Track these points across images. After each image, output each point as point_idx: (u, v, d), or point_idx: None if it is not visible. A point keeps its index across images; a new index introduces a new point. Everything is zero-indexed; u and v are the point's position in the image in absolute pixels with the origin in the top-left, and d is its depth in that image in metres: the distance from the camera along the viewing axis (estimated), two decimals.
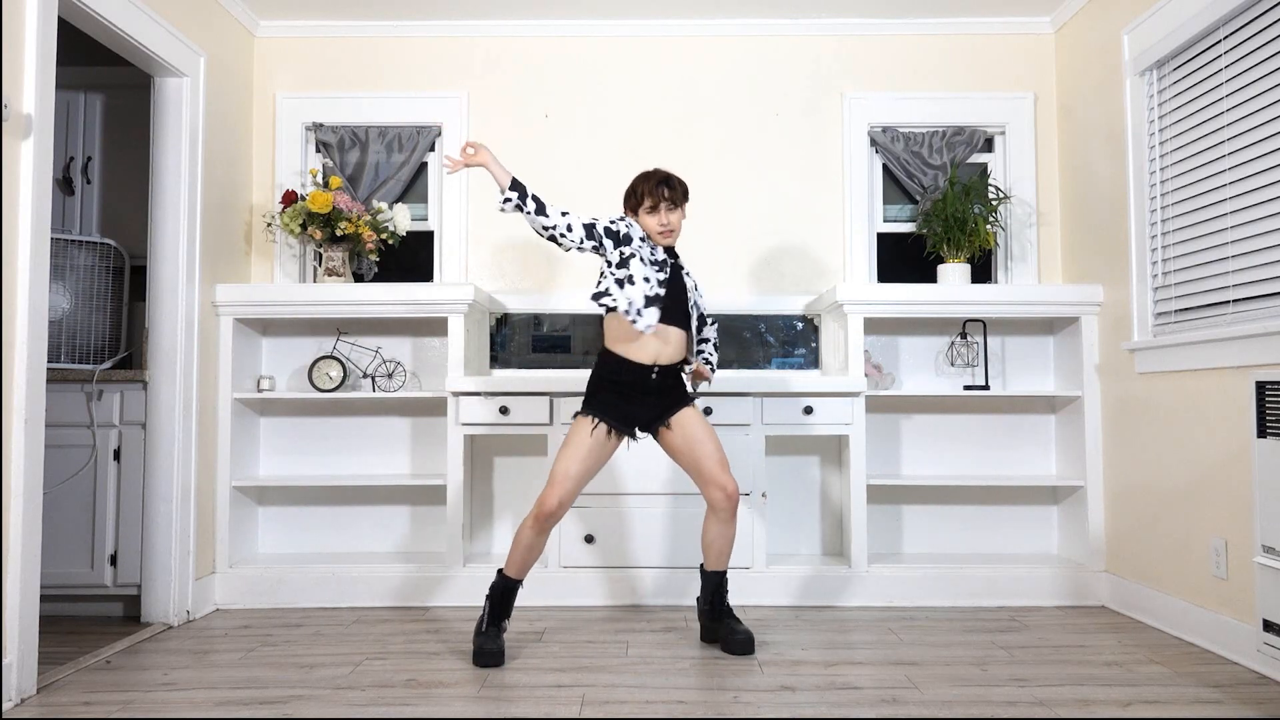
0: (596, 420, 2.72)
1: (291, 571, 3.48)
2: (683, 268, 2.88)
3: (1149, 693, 2.43)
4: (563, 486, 2.69)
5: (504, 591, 2.77)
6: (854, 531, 3.44)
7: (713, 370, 2.99)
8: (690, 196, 2.90)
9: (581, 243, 2.72)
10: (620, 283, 2.73)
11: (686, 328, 2.83)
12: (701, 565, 2.91)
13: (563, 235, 2.70)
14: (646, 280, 2.73)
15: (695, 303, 2.89)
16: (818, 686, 2.48)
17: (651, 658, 2.75)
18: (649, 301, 2.72)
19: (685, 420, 2.79)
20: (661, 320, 2.74)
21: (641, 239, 2.78)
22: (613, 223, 2.77)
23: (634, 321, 2.70)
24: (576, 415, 2.77)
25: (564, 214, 2.71)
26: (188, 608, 3.27)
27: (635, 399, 2.76)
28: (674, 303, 2.79)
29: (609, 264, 2.77)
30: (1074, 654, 2.80)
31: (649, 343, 2.75)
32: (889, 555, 3.70)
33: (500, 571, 2.79)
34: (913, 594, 3.44)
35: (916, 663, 2.70)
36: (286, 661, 2.75)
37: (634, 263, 2.74)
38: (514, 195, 2.66)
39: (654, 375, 2.76)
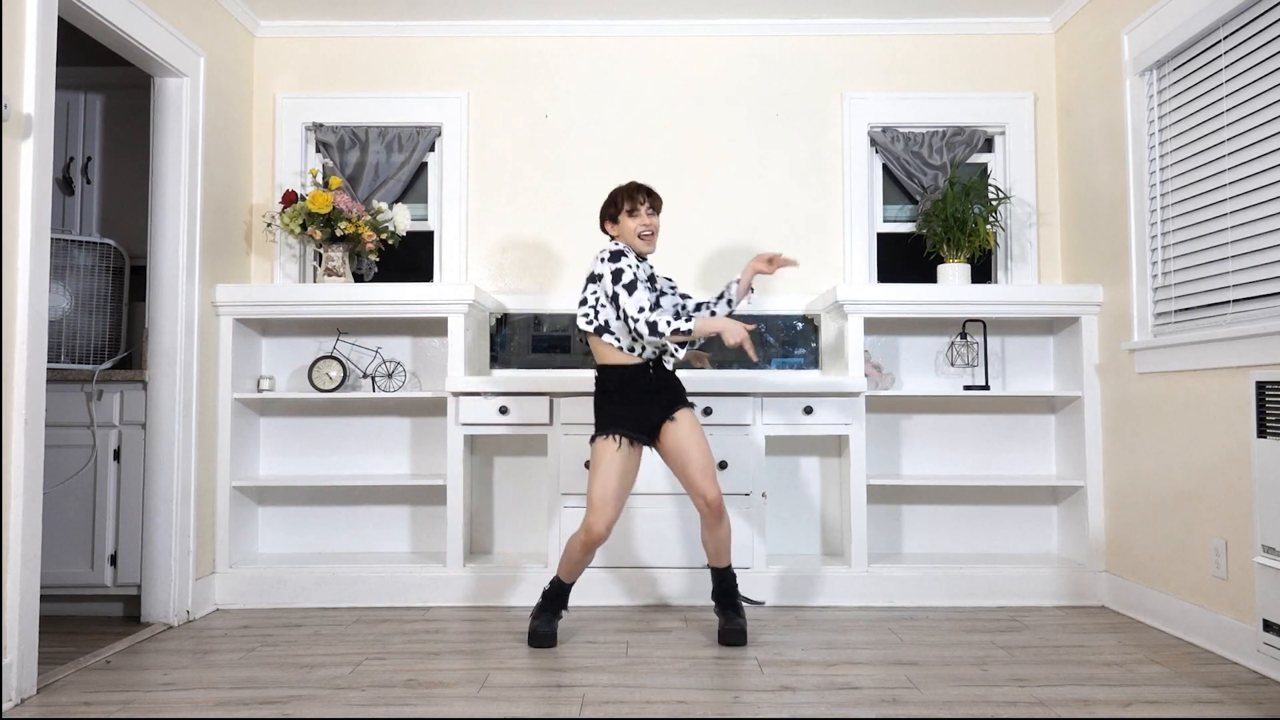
0: (616, 436, 2.80)
1: (291, 571, 3.48)
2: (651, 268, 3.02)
3: (1149, 693, 2.43)
4: (605, 510, 2.78)
5: (559, 591, 2.93)
6: (854, 531, 3.44)
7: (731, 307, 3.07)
8: (664, 206, 3.09)
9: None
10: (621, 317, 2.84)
11: None
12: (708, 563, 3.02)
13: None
14: (663, 294, 2.95)
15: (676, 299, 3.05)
16: (818, 686, 2.48)
17: (651, 658, 2.76)
18: (678, 314, 2.75)
19: (681, 422, 2.87)
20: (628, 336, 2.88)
21: (631, 261, 2.83)
22: (632, 272, 2.78)
23: (686, 344, 2.87)
24: (594, 440, 2.84)
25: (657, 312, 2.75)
26: (188, 608, 3.27)
27: (643, 400, 2.85)
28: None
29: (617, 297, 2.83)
30: (1074, 654, 2.80)
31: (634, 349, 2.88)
32: (889, 555, 3.70)
33: (556, 573, 2.96)
34: (913, 594, 3.44)
35: (916, 663, 2.70)
36: (286, 661, 2.75)
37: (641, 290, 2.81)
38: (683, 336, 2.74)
39: (651, 369, 2.86)
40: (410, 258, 3.98)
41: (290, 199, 3.63)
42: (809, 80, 3.94)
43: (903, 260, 3.95)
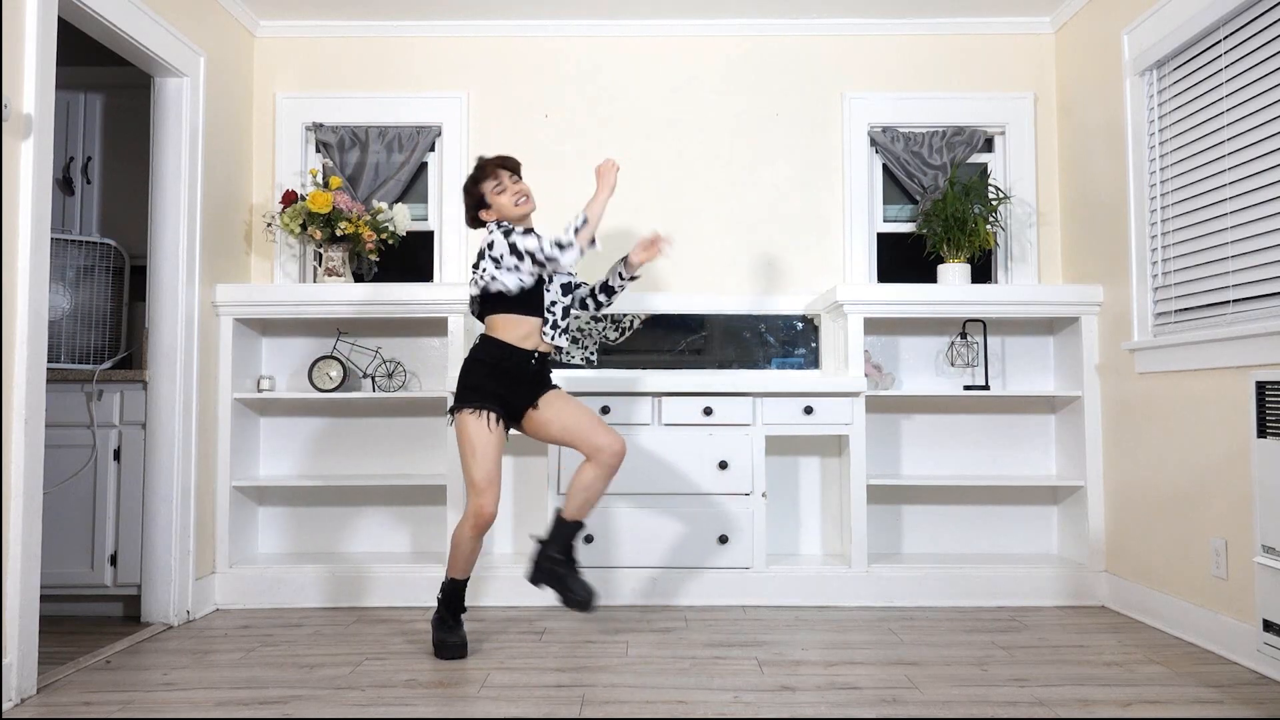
0: (481, 411, 2.73)
1: (291, 571, 3.48)
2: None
3: (1149, 693, 2.43)
4: (492, 489, 2.74)
5: (454, 591, 2.83)
6: (854, 531, 3.44)
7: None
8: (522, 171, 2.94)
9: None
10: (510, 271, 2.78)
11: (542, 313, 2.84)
12: (557, 511, 2.86)
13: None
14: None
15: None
16: (818, 686, 2.48)
17: (651, 658, 2.76)
18: (564, 291, 2.85)
19: (551, 399, 2.83)
20: (534, 314, 2.80)
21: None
22: (509, 237, 2.75)
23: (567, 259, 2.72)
24: (456, 412, 2.77)
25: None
26: (188, 608, 3.27)
27: (513, 386, 2.79)
28: (539, 297, 2.84)
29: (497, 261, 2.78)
30: (1074, 654, 2.80)
31: (531, 333, 2.81)
32: (889, 555, 3.70)
33: (447, 573, 2.84)
34: (913, 594, 3.44)
35: (916, 663, 2.70)
36: (286, 661, 2.75)
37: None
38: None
39: (533, 361, 2.81)
40: (410, 258, 3.97)
41: (290, 199, 3.63)
42: (809, 80, 3.94)
43: (903, 260, 3.94)
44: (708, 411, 3.43)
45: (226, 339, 3.53)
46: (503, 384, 2.78)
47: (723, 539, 3.41)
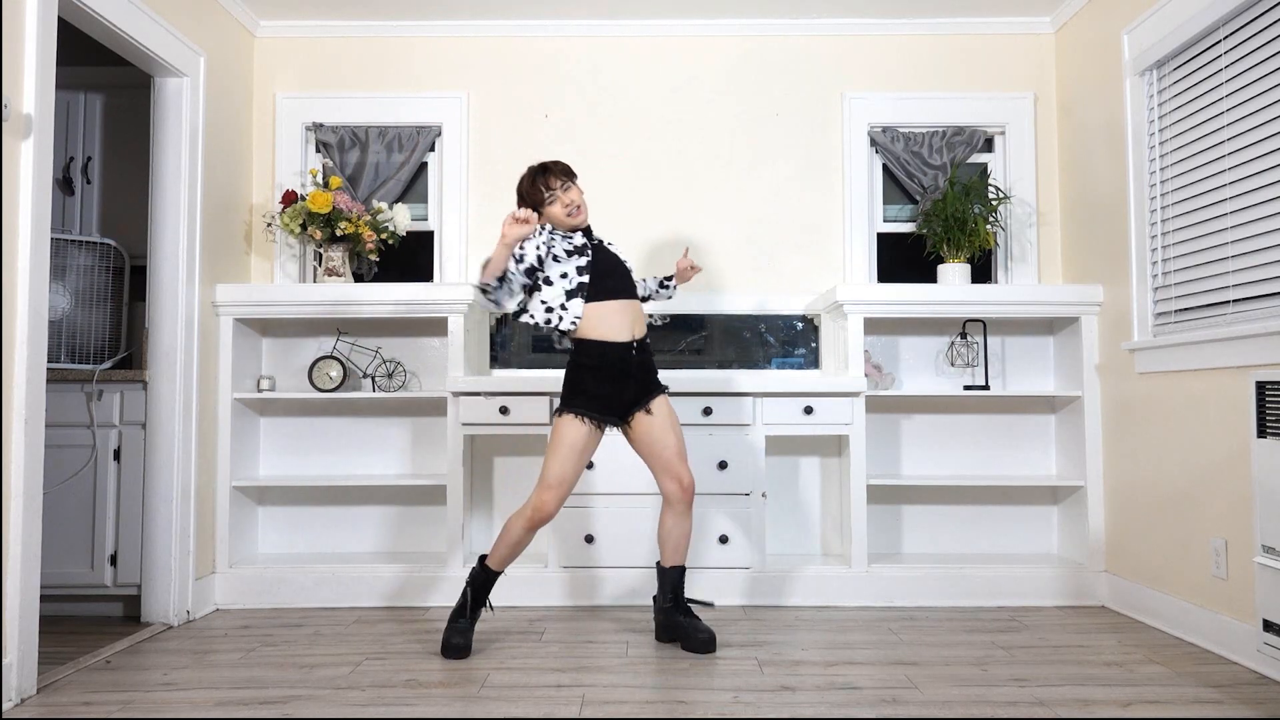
0: (583, 417, 2.74)
1: (291, 571, 3.48)
2: (608, 243, 2.92)
3: (1149, 693, 2.43)
4: (560, 490, 2.73)
5: (485, 581, 2.83)
6: (854, 531, 3.44)
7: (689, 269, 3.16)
8: (577, 174, 2.90)
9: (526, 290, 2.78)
10: (530, 290, 2.79)
11: (636, 296, 2.89)
12: (658, 563, 2.91)
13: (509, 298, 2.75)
14: (564, 276, 2.77)
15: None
16: (818, 686, 2.48)
17: (651, 658, 2.76)
18: (570, 295, 2.77)
19: (661, 407, 2.83)
20: (615, 297, 2.79)
21: (548, 236, 2.78)
22: (521, 260, 2.73)
23: (557, 326, 2.76)
24: (559, 414, 2.76)
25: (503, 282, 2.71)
26: (188, 608, 3.27)
27: (619, 381, 2.77)
28: (616, 279, 2.83)
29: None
30: (1074, 654, 2.80)
31: (623, 320, 2.78)
32: (889, 555, 3.70)
33: (483, 560, 2.83)
34: (913, 594, 3.44)
35: (916, 663, 2.70)
36: (286, 661, 2.75)
37: (547, 263, 2.77)
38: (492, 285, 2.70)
39: (634, 351, 2.79)
40: (410, 258, 3.97)
41: (290, 199, 3.63)
42: (809, 80, 3.94)
43: (903, 260, 3.94)
44: (707, 411, 3.43)
45: (226, 339, 3.53)
46: (608, 384, 2.76)
47: (723, 539, 3.41)
